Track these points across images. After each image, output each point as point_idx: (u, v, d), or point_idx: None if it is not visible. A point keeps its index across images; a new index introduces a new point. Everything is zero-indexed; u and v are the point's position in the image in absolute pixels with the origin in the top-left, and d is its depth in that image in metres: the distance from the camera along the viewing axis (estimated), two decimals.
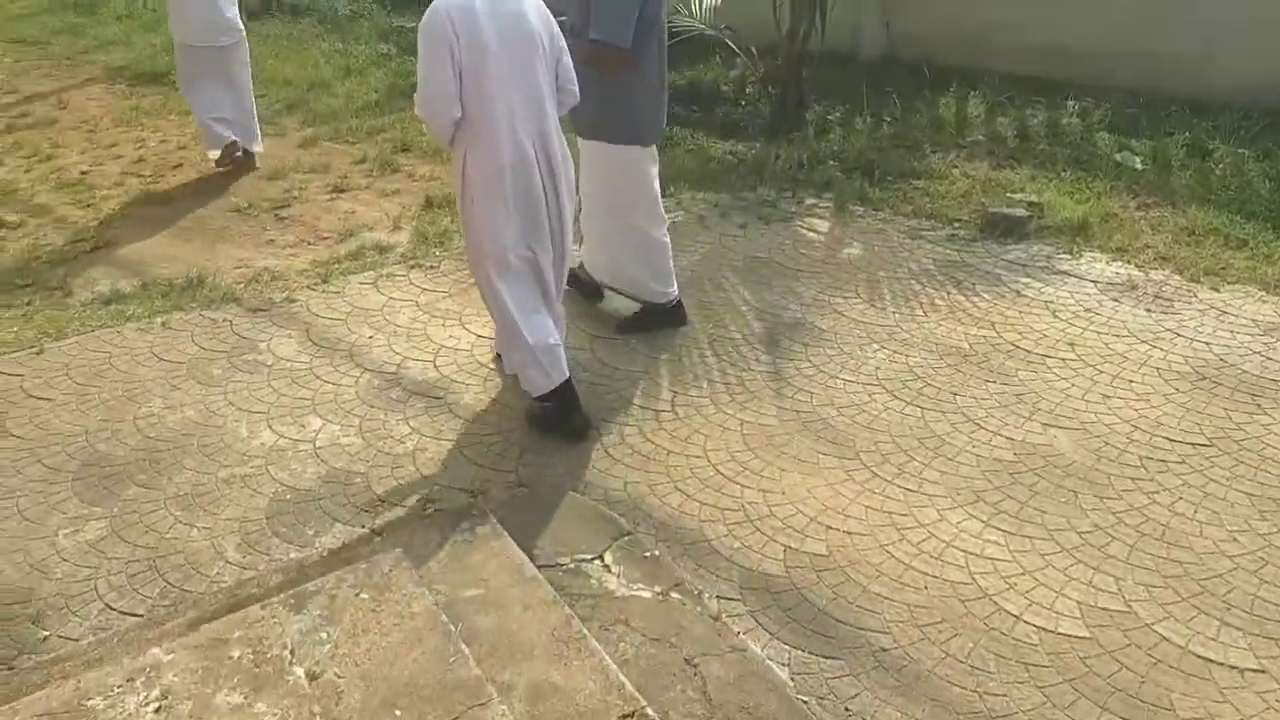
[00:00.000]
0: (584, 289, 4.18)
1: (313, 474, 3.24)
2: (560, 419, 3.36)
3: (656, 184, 3.84)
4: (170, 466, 3.28)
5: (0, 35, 10.86)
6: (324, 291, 4.51)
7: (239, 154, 6.24)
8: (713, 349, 3.98)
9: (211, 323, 4.25)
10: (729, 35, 6.86)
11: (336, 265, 4.82)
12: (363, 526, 2.99)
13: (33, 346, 4.11)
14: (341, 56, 9.10)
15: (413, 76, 3.64)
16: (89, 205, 5.90)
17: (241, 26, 6.03)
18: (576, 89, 3.23)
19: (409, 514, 3.04)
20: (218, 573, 2.81)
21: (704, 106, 7.11)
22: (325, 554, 2.85)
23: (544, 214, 3.16)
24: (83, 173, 6.48)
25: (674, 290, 3.99)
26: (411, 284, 4.57)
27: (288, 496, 3.13)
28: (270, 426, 3.49)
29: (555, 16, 3.17)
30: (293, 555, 2.87)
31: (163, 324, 4.24)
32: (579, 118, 3.56)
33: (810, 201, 5.61)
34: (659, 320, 4.04)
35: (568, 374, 3.32)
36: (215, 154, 6.19)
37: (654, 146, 3.80)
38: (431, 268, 4.72)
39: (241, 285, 4.65)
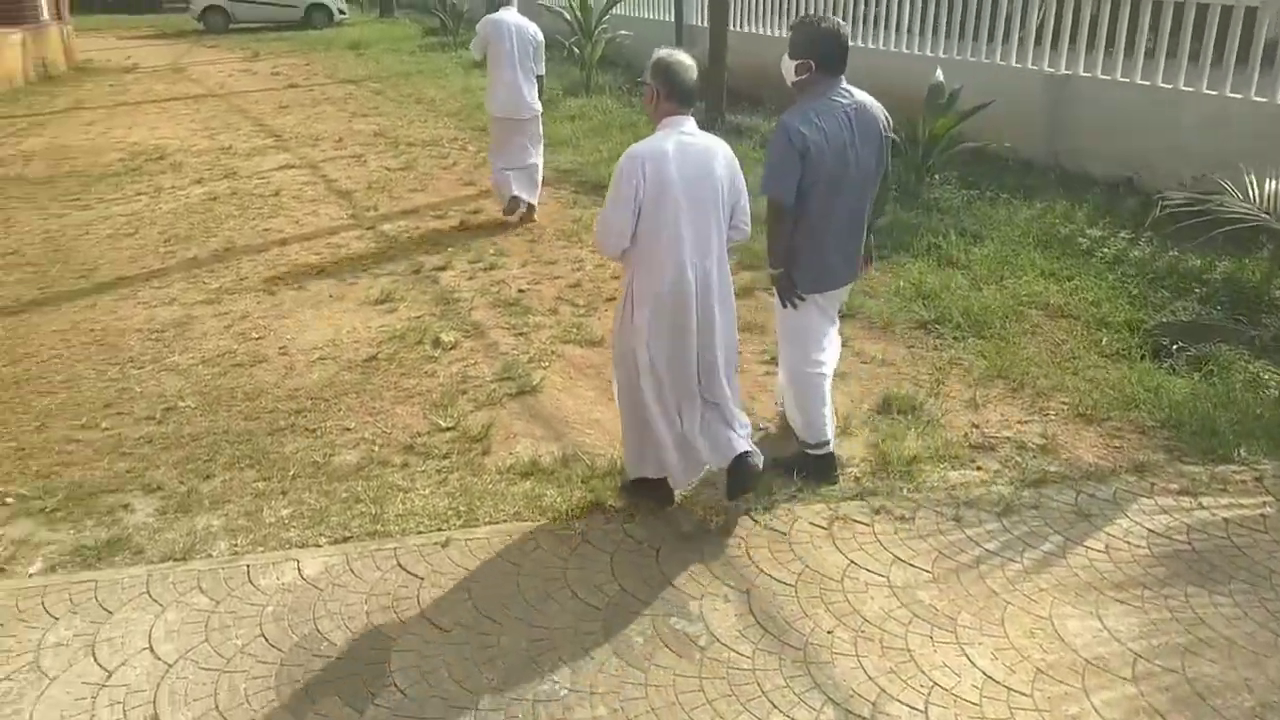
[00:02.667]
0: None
1: None
2: (658, 498, 3.71)
3: (821, 330, 3.91)
4: None
5: (470, 124, 11.72)
6: (767, 527, 3.58)
7: (523, 208, 7.66)
8: None
9: (634, 545, 3.49)
10: None
11: (777, 482, 3.89)
12: None
13: (440, 529, 3.60)
14: None
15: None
16: (521, 333, 5.59)
17: (539, 106, 7.58)
18: (748, 228, 3.56)
19: None
20: None
21: (1251, 317, 5.44)
22: None
23: (692, 341, 3.43)
24: (520, 290, 6.29)
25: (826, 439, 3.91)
26: (878, 541, 3.51)
27: None
28: None
29: None
30: None
31: (581, 534, 3.55)
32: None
33: None
34: (806, 467, 3.93)
35: (682, 478, 3.63)
36: (502, 207, 7.69)
37: (827, 295, 3.86)
38: (903, 519, 3.64)
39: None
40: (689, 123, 3.35)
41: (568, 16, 14.65)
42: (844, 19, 11.56)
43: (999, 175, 8.33)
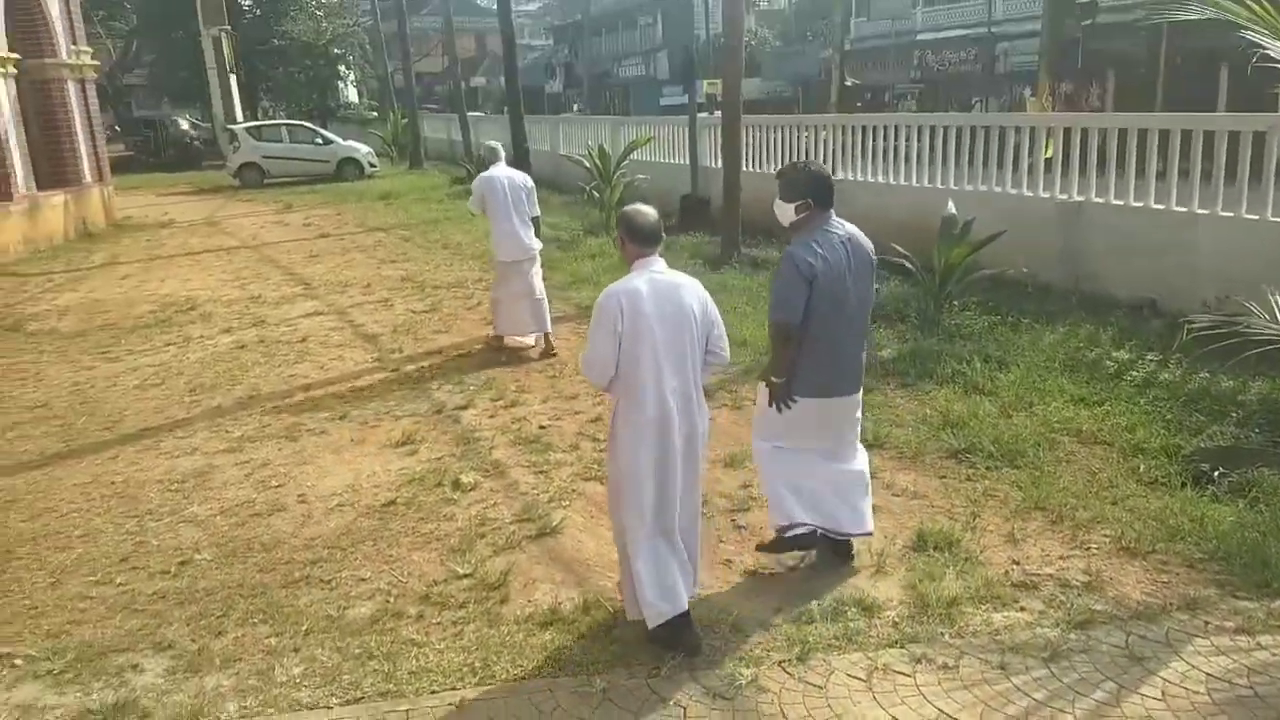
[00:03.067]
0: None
1: None
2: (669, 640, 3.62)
3: (823, 432, 4.15)
4: None
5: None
6: (800, 679, 3.39)
7: (541, 343, 8.13)
8: None
9: (660, 703, 3.30)
10: None
11: (810, 628, 3.72)
12: None
13: (454, 688, 3.44)
14: None
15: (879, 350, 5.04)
16: (542, 471, 5.52)
17: (538, 245, 8.15)
18: (725, 355, 3.78)
19: None
20: None
21: None
22: None
23: (673, 461, 3.60)
24: (541, 427, 6.25)
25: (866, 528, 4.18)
26: (920, 694, 3.30)
27: None
28: None
29: None
30: None
31: (603, 690, 3.37)
32: None
33: None
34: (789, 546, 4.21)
35: (684, 606, 3.61)
36: (519, 340, 8.29)
37: (838, 401, 4.09)
38: (946, 668, 3.43)
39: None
40: (658, 262, 3.67)
41: (587, 164, 15.29)
42: (854, 156, 11.90)
43: (1018, 300, 8.34)
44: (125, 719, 3.36)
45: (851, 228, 4.06)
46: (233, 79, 31.02)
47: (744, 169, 12.14)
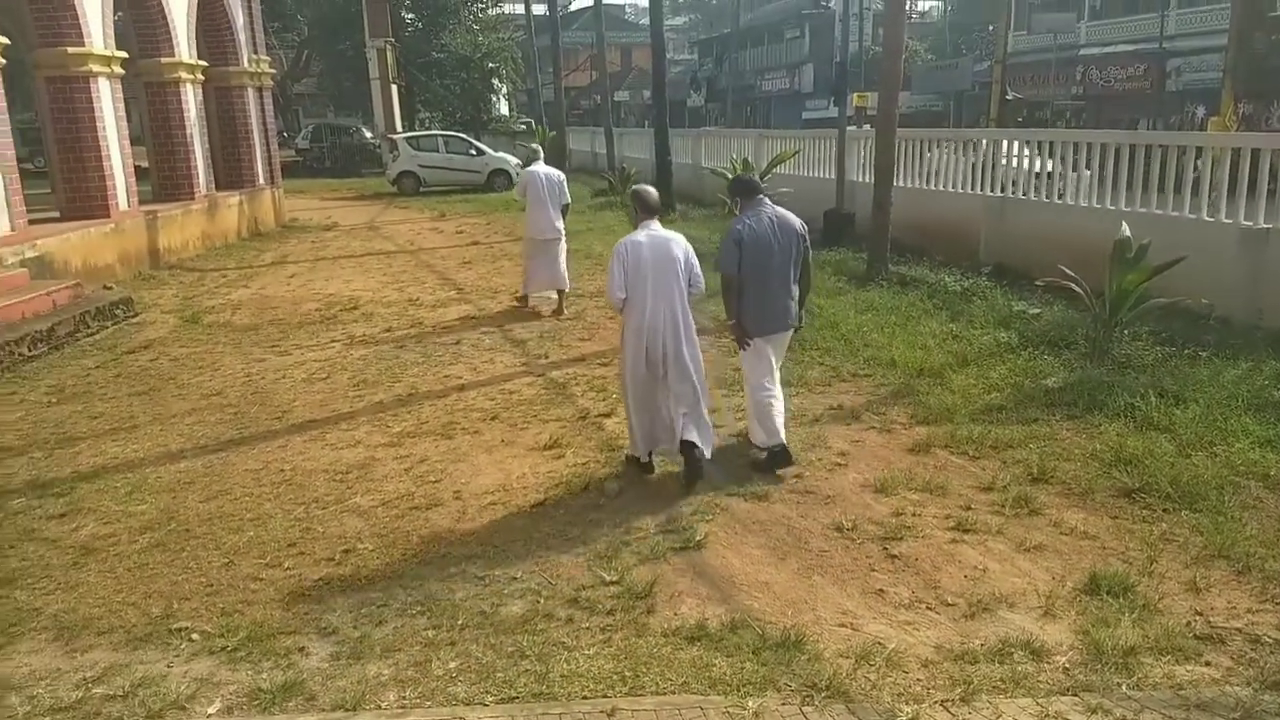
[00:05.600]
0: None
1: None
2: (642, 473, 5.63)
3: (768, 364, 5.70)
4: None
5: None
6: None
7: (557, 301, 10.43)
8: None
9: None
10: None
11: (974, 668, 3.55)
12: None
13: (605, 695, 3.44)
14: (954, 340, 8.24)
15: (1044, 378, 6.72)
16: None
17: (562, 227, 10.30)
18: (701, 287, 5.49)
19: None
20: None
21: None
22: None
23: (666, 354, 5.33)
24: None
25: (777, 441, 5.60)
26: None
27: None
28: None
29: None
30: None
31: (755, 714, 3.30)
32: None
33: None
34: (768, 462, 5.64)
35: (657, 450, 5.62)
36: (542, 297, 10.58)
37: (774, 339, 5.71)
38: None
39: (848, 663, 3.61)
40: (655, 224, 5.44)
41: (730, 177, 15.20)
42: (1019, 177, 11.43)
43: (1195, 332, 7.80)
44: (292, 699, 3.51)
45: (782, 210, 5.66)
46: (394, 89, 32.51)
47: (896, 184, 11.85)
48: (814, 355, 8.05)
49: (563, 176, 10.49)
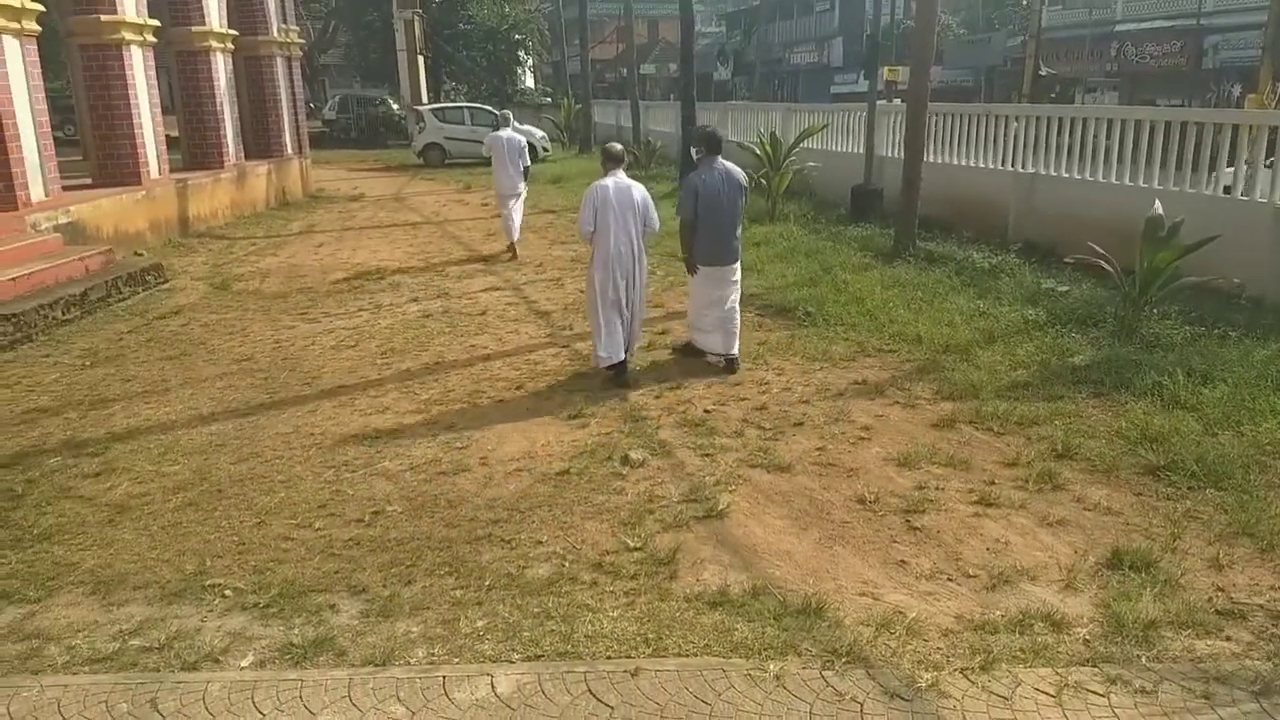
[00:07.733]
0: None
1: None
2: (613, 379, 6.88)
3: (710, 293, 7.16)
4: None
5: (659, 249, 12.06)
6: (984, 688, 3.27)
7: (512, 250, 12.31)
8: None
9: (835, 696, 3.26)
10: None
11: (994, 638, 3.58)
12: None
13: (629, 655, 3.51)
14: (981, 317, 8.19)
15: (1071, 356, 6.94)
16: (708, 454, 5.53)
17: (523, 187, 12.46)
18: (656, 226, 6.85)
19: None
20: None
21: None
22: None
23: (625, 281, 6.72)
24: (706, 411, 6.27)
25: (733, 352, 7.19)
26: (1115, 717, 3.12)
27: None
28: None
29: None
30: None
31: (776, 676, 3.35)
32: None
33: None
34: (686, 351, 7.56)
35: (622, 357, 6.82)
36: (514, 244, 12.36)
37: (721, 269, 7.13)
38: (1144, 692, 3.23)
39: (869, 631, 3.65)
40: (620, 173, 6.75)
41: (757, 151, 15.12)
42: (1050, 150, 11.29)
43: (1224, 312, 7.72)
44: (323, 654, 3.60)
45: (731, 165, 7.02)
46: (420, 61, 32.50)
47: (926, 159, 11.73)
48: (839, 330, 8.04)
49: (524, 142, 12.47)
